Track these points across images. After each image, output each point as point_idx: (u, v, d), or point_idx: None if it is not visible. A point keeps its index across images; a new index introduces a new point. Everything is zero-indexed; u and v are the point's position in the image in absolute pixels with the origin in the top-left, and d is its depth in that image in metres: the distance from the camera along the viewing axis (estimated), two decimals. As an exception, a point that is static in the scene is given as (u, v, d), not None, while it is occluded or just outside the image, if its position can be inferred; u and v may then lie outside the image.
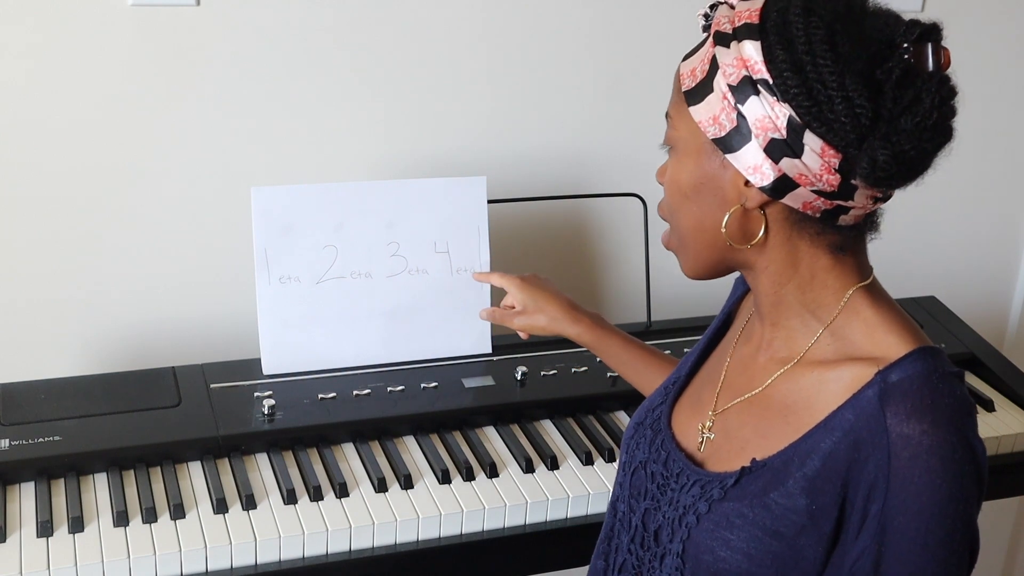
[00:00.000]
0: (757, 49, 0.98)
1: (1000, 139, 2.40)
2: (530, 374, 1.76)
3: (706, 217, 1.07)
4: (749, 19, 1.00)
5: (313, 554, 1.45)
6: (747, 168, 1.01)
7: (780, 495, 1.02)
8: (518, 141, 2.05)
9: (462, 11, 1.95)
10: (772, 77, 0.97)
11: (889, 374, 0.99)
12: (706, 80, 1.02)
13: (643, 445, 1.21)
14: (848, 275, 1.08)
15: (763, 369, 1.12)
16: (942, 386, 0.98)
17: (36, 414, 1.58)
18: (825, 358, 1.06)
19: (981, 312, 2.48)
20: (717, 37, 1.02)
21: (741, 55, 0.99)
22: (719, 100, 1.01)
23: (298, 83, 1.90)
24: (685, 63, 1.07)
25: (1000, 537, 2.66)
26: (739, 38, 1.00)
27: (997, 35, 2.31)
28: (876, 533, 0.97)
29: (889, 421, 0.97)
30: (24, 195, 1.81)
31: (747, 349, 1.18)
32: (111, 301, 1.89)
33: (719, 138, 1.02)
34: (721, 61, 1.01)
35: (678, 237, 1.12)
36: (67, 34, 1.75)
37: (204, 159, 1.88)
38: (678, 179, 1.08)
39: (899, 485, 0.96)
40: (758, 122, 0.99)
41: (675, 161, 1.08)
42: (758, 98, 0.98)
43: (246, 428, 1.60)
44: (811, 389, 1.06)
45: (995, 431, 1.80)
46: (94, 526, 1.43)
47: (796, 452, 1.03)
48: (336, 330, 1.73)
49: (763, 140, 0.99)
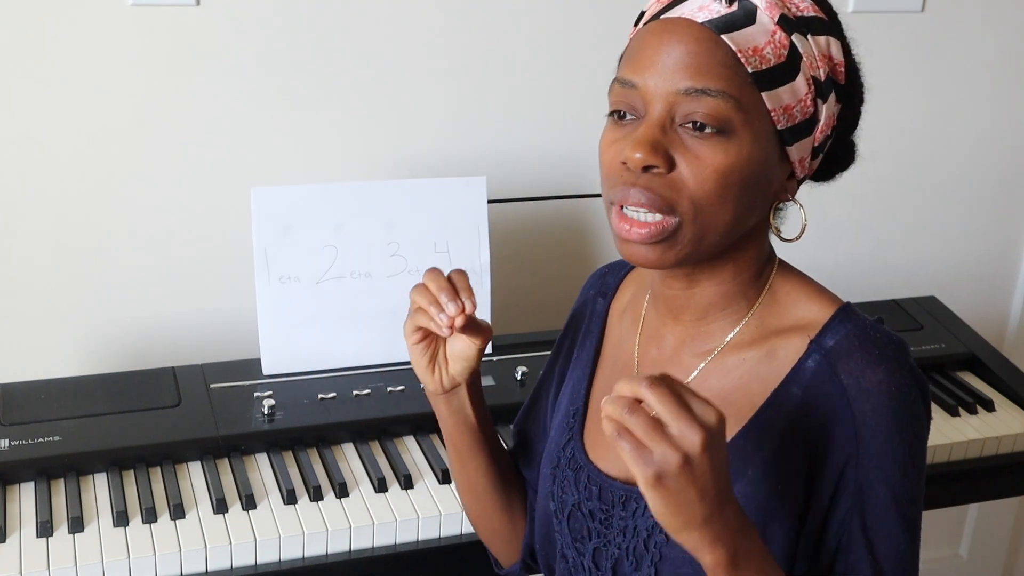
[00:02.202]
0: (839, 50, 0.99)
1: (1000, 139, 2.40)
2: (530, 374, 1.76)
3: (748, 211, 0.99)
4: (816, 13, 0.98)
5: (313, 554, 1.45)
6: (798, 161, 1.00)
7: (744, 485, 1.00)
8: (518, 141, 2.05)
9: (463, 11, 1.95)
10: (847, 80, 1.00)
11: (823, 340, 0.99)
12: (784, 66, 0.95)
13: (569, 488, 1.13)
14: (770, 254, 1.08)
15: (686, 367, 1.07)
16: (879, 334, 1.00)
17: (36, 414, 1.58)
18: (748, 339, 1.04)
19: (981, 312, 2.48)
20: (784, 21, 0.96)
21: (826, 52, 0.98)
22: (803, 91, 0.96)
23: (298, 83, 1.90)
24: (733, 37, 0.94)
25: (1000, 537, 2.66)
26: (815, 31, 0.97)
27: (997, 35, 2.31)
28: (855, 488, 0.98)
29: (845, 380, 0.97)
30: (24, 195, 1.81)
31: (659, 352, 1.11)
32: (111, 301, 1.89)
33: (789, 128, 0.97)
34: (803, 50, 0.96)
35: (701, 227, 0.96)
36: (67, 34, 1.75)
37: (204, 159, 1.88)
38: (732, 166, 0.94)
39: (868, 436, 0.97)
40: (827, 120, 0.99)
41: (727, 146, 0.94)
42: (833, 96, 0.99)
43: (246, 428, 1.60)
44: (742, 374, 1.03)
45: (995, 431, 1.79)
46: (94, 526, 1.43)
47: (747, 439, 1.01)
48: (336, 330, 1.73)
49: (822, 137, 1.00)
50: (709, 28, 0.94)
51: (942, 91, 2.32)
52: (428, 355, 1.15)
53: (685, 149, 0.95)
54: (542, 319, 2.05)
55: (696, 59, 0.94)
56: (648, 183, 0.95)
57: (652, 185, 0.95)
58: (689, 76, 0.94)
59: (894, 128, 2.31)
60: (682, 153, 0.95)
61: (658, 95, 0.95)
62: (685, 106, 0.94)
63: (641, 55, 0.97)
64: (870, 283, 2.35)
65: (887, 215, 2.36)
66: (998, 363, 1.96)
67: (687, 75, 0.94)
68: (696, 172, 0.94)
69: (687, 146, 0.95)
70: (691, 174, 0.94)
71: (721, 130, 0.94)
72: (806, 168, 1.02)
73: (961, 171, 2.40)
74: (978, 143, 2.38)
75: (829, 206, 2.31)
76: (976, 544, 2.64)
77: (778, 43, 0.95)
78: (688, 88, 0.93)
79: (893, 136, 2.31)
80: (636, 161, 0.95)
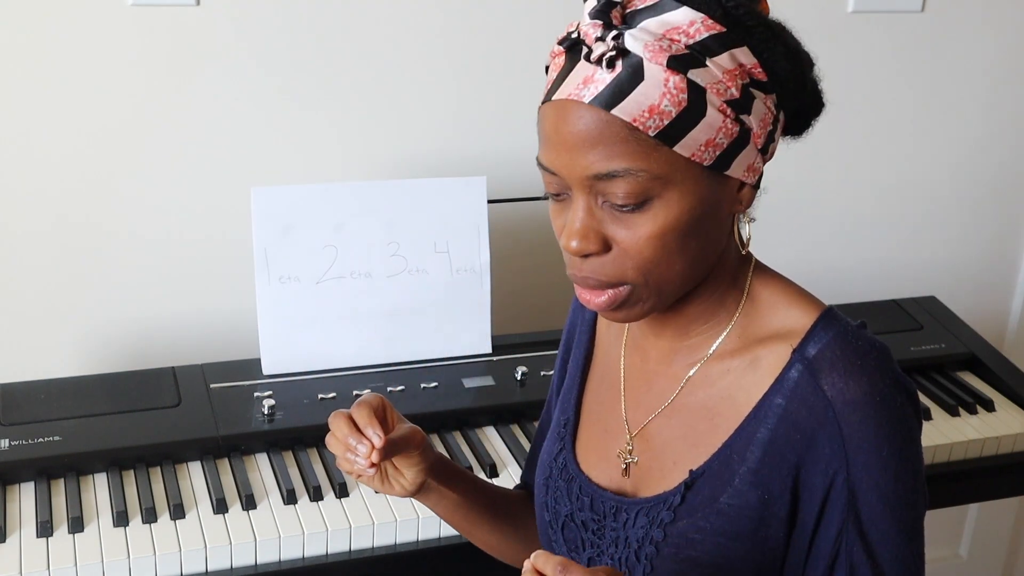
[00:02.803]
0: (748, 53, 0.94)
1: (1000, 139, 2.40)
2: (530, 374, 1.76)
3: (706, 245, 0.98)
4: (708, 31, 0.92)
5: (313, 554, 1.45)
6: (744, 171, 0.98)
7: (730, 496, 1.00)
8: (518, 141, 2.05)
9: (463, 11, 1.95)
10: (768, 74, 0.96)
11: (805, 349, 0.99)
12: (687, 111, 0.91)
13: (562, 499, 1.13)
14: (744, 260, 1.06)
15: (673, 378, 1.07)
16: (860, 342, 0.99)
17: (36, 414, 1.58)
18: (732, 348, 1.04)
19: (981, 312, 2.48)
20: (674, 63, 0.91)
21: (733, 67, 0.93)
22: (719, 120, 0.93)
23: (298, 83, 1.90)
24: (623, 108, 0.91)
25: (1000, 537, 2.66)
26: (712, 53, 0.92)
27: (997, 35, 2.31)
28: (848, 500, 0.97)
29: (829, 393, 0.96)
30: (24, 195, 1.81)
31: (644, 363, 1.11)
32: (111, 301, 1.89)
33: (718, 158, 0.94)
34: (705, 82, 0.92)
35: (656, 285, 0.97)
36: (67, 34, 1.75)
37: (204, 159, 1.88)
38: (671, 225, 0.94)
39: (856, 447, 0.96)
40: (762, 121, 0.97)
41: (655, 212, 0.94)
42: (758, 100, 0.96)
43: (246, 428, 1.60)
44: (727, 384, 1.03)
45: (995, 431, 1.80)
46: (94, 526, 1.43)
47: (732, 449, 1.01)
48: (336, 330, 1.73)
49: (763, 137, 0.98)
50: (596, 107, 0.92)
51: (942, 91, 2.32)
52: (378, 479, 1.16)
53: (615, 224, 0.95)
54: (542, 319, 2.05)
55: (593, 143, 0.92)
56: (591, 266, 0.97)
57: (594, 267, 0.97)
58: (592, 163, 0.93)
59: (894, 128, 2.31)
60: (615, 230, 0.95)
61: (573, 182, 0.95)
62: (600, 187, 0.94)
63: (547, 141, 0.97)
64: (870, 283, 2.35)
65: (887, 215, 2.36)
66: (998, 363, 1.96)
67: (590, 162, 0.93)
68: (632, 244, 0.95)
69: (616, 221, 0.95)
70: (628, 247, 0.95)
71: (642, 203, 0.93)
72: (758, 170, 0.99)
73: (961, 171, 2.40)
74: (978, 143, 2.38)
75: (829, 207, 2.32)
76: (976, 544, 2.64)
77: (674, 89, 0.91)
78: (596, 174, 0.93)
79: (893, 136, 2.31)
80: (573, 250, 0.96)
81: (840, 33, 2.18)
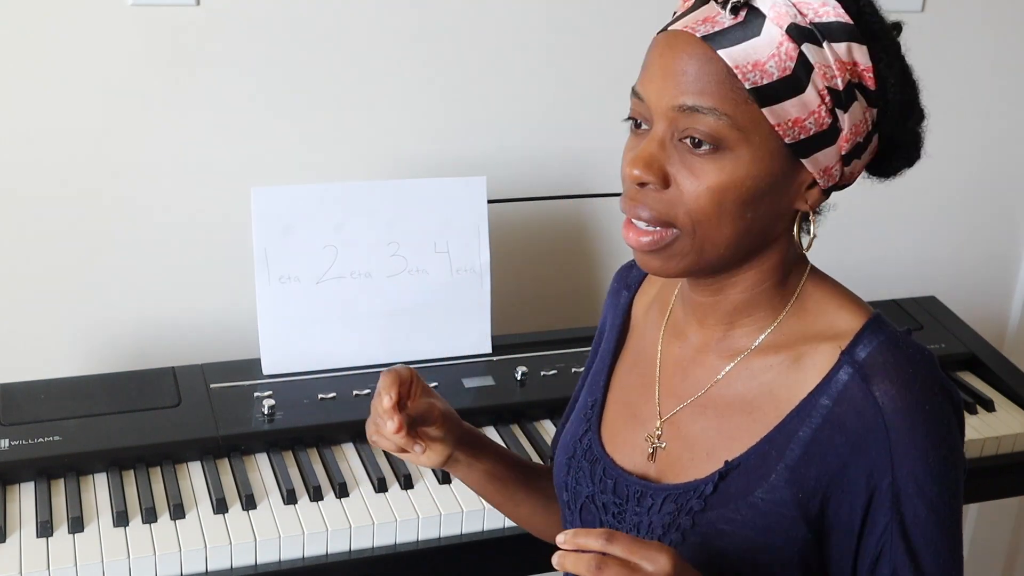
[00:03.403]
0: (864, 55, 0.95)
1: (1000, 139, 2.40)
2: (530, 374, 1.76)
3: (759, 223, 0.98)
4: (838, 17, 0.94)
5: (313, 554, 1.45)
6: (820, 171, 0.98)
7: (765, 491, 1.00)
8: (518, 141, 2.05)
9: (463, 11, 1.95)
10: (877, 85, 0.96)
11: (855, 352, 0.99)
12: (789, 79, 0.93)
13: (583, 479, 1.14)
14: (800, 259, 1.07)
15: (711, 368, 1.07)
16: (910, 350, 1.00)
17: (36, 414, 1.58)
18: (776, 344, 1.04)
19: (981, 312, 2.48)
20: (794, 31, 0.93)
21: (847, 59, 0.94)
22: (814, 103, 0.94)
23: (298, 83, 1.90)
24: (730, 53, 0.92)
25: (1000, 537, 2.65)
26: (834, 38, 0.93)
27: (997, 35, 2.31)
28: (892, 504, 0.98)
29: (880, 400, 0.97)
30: (24, 195, 1.81)
31: (681, 351, 1.11)
32: (111, 301, 1.89)
33: (800, 141, 0.95)
34: (814, 60, 0.93)
35: (701, 240, 0.97)
36: (67, 34, 1.75)
37: (204, 159, 1.88)
38: (727, 184, 0.94)
39: (903, 453, 0.97)
40: (854, 127, 0.97)
41: (723, 163, 0.94)
42: (858, 103, 0.96)
43: (246, 428, 1.60)
44: (769, 380, 1.03)
45: (995, 431, 1.80)
46: (94, 526, 1.43)
47: (772, 445, 1.01)
48: (336, 330, 1.73)
49: (850, 144, 0.97)
50: (707, 43, 0.93)
51: (942, 91, 2.30)
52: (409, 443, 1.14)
53: (682, 165, 0.96)
54: (542, 319, 2.05)
55: (691, 76, 0.94)
56: (645, 199, 0.98)
57: (648, 201, 0.98)
58: (683, 93, 0.94)
59: (894, 128, 2.31)
60: (679, 169, 0.96)
61: (659, 110, 0.96)
62: (682, 122, 0.95)
63: (648, 67, 0.98)
64: (870, 283, 2.34)
65: (887, 215, 2.36)
66: (998, 363, 1.96)
67: (682, 92, 0.94)
68: (691, 189, 0.96)
69: (684, 162, 0.96)
70: (687, 190, 0.96)
71: (716, 147, 0.94)
72: (835, 177, 0.99)
73: (961, 171, 2.40)
74: (978, 143, 2.38)
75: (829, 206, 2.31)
76: (976, 544, 2.64)
77: (784, 55, 0.93)
78: (682, 105, 0.94)
79: (893, 136, 2.31)
80: (633, 177, 0.98)
81: (840, 33, 2.18)
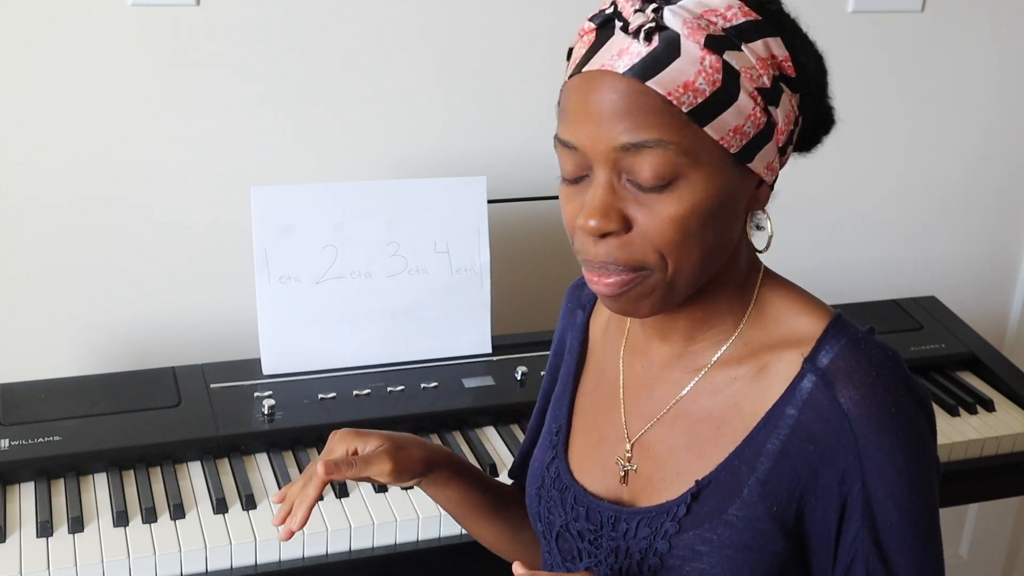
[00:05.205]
0: (780, 46, 0.94)
1: (1000, 139, 2.40)
2: (530, 374, 1.76)
3: (723, 237, 0.96)
4: (746, 16, 0.93)
5: (313, 554, 1.45)
6: (765, 168, 0.97)
7: (738, 508, 0.98)
8: (518, 141, 2.05)
9: (464, 11, 1.95)
10: (797, 71, 0.96)
11: (817, 358, 0.97)
12: (721, 92, 0.91)
13: (555, 509, 1.11)
14: (753, 266, 1.04)
15: (675, 384, 1.05)
16: (873, 351, 0.98)
17: (36, 414, 1.58)
18: (738, 356, 1.02)
19: (981, 312, 2.48)
20: (711, 42, 0.91)
21: (766, 55, 0.93)
22: (749, 107, 0.92)
23: (298, 83, 1.90)
24: (658, 80, 0.89)
25: (1000, 537, 2.66)
26: (748, 39, 0.92)
27: (997, 35, 2.31)
28: (863, 510, 0.97)
29: (845, 406, 0.95)
30: (24, 195, 1.81)
31: (644, 368, 1.09)
32: (111, 301, 1.89)
33: (744, 147, 0.93)
34: (738, 65, 0.91)
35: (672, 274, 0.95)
36: (67, 34, 1.75)
37: (204, 159, 1.88)
38: (694, 209, 0.92)
39: (872, 457, 0.96)
40: (786, 118, 0.96)
41: (680, 193, 0.92)
42: (785, 94, 0.95)
43: (246, 428, 1.60)
44: (733, 392, 1.01)
45: (995, 431, 1.80)
46: (94, 526, 1.43)
47: (741, 459, 0.99)
48: (336, 330, 1.73)
49: (785, 135, 0.97)
50: (631, 77, 0.90)
51: (942, 91, 2.32)
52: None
53: (638, 204, 0.93)
54: (542, 319, 2.05)
55: (626, 113, 0.90)
56: (609, 248, 0.94)
57: (612, 250, 0.94)
58: (623, 132, 0.90)
59: (894, 128, 2.31)
60: (636, 208, 0.93)
61: (598, 155, 0.92)
62: (626, 162, 0.91)
63: (573, 114, 0.94)
64: (870, 283, 2.35)
65: (887, 215, 2.36)
66: (998, 363, 1.96)
67: (621, 131, 0.91)
68: (654, 225, 0.92)
69: (639, 200, 0.92)
70: (650, 228, 0.93)
71: (668, 182, 0.91)
72: (777, 170, 0.99)
73: (961, 171, 2.40)
74: (978, 143, 2.38)
75: (829, 206, 2.32)
76: (976, 544, 2.64)
77: (709, 69, 0.90)
78: (624, 144, 0.90)
79: (893, 136, 2.31)
80: (592, 229, 0.93)
81: (840, 33, 2.18)
